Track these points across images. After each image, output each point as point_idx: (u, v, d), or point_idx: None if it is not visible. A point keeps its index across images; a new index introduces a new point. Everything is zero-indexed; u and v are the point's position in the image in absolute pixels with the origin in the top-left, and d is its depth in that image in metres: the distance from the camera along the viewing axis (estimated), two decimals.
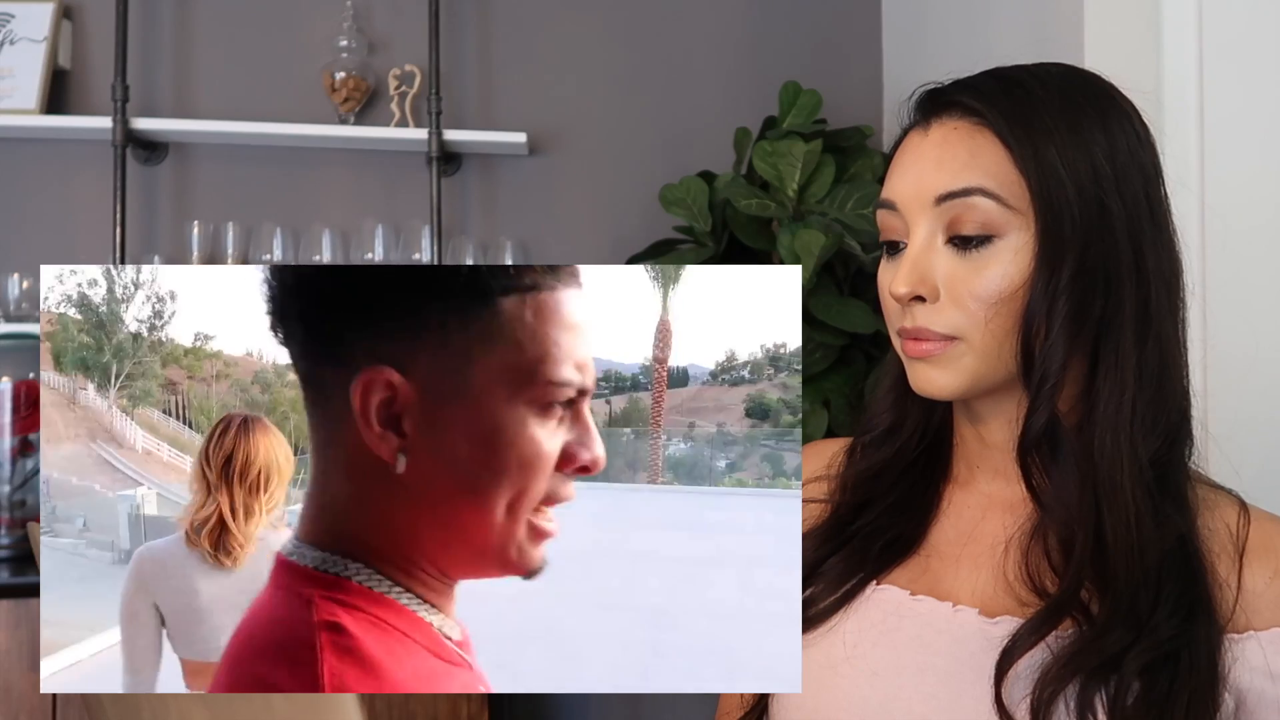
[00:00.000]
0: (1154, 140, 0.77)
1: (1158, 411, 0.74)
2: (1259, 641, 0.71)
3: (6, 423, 1.99)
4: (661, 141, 2.52)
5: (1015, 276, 0.73)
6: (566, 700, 2.47)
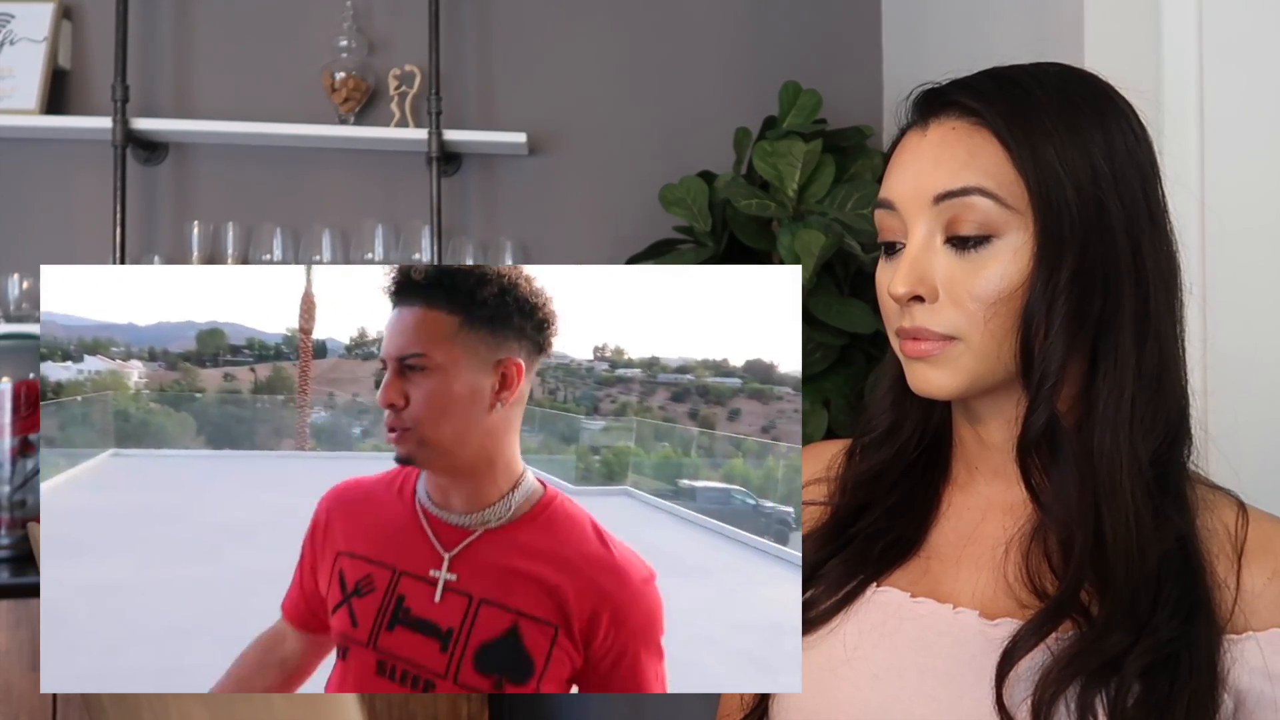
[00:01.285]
0: (1151, 140, 0.77)
1: (1157, 411, 0.74)
2: (1258, 642, 0.71)
3: (6, 423, 1.99)
4: (661, 141, 2.52)
5: (1014, 276, 0.72)
6: (567, 700, 2.48)
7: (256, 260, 2.30)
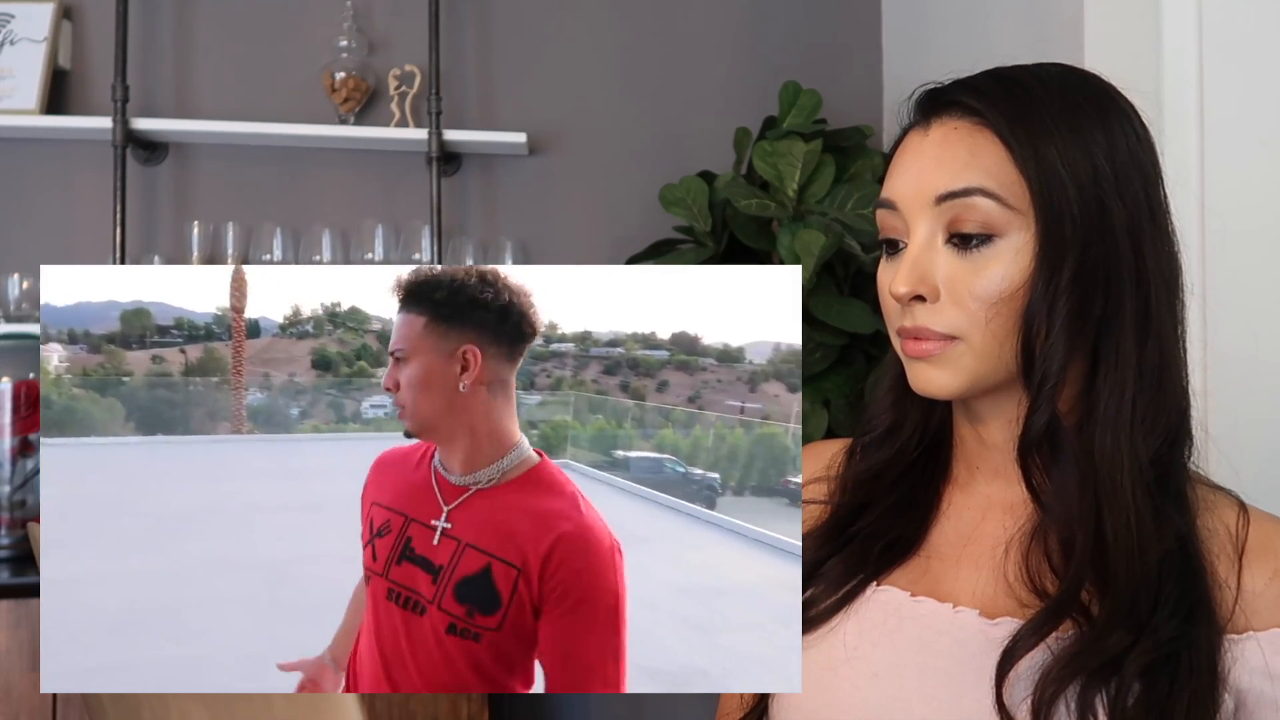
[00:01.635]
0: (1153, 140, 0.77)
1: (1158, 412, 0.74)
2: (1258, 642, 0.71)
3: (6, 423, 1.99)
4: (661, 141, 2.52)
5: (1015, 276, 0.72)
6: (567, 700, 2.48)
7: (257, 260, 2.30)
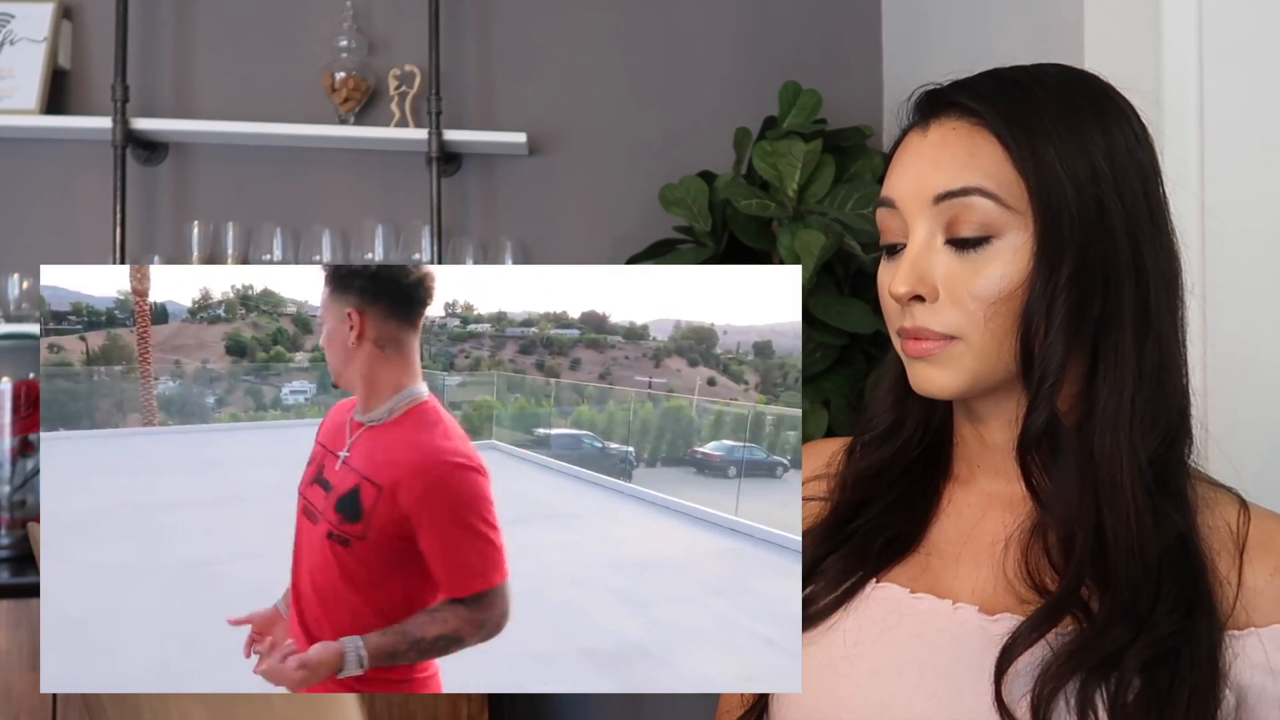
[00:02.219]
0: (1152, 140, 0.78)
1: (1157, 410, 0.74)
2: (1259, 638, 0.71)
3: (6, 423, 1.99)
4: (661, 141, 2.52)
5: (1014, 276, 0.73)
6: (567, 700, 2.48)
7: (257, 260, 2.30)
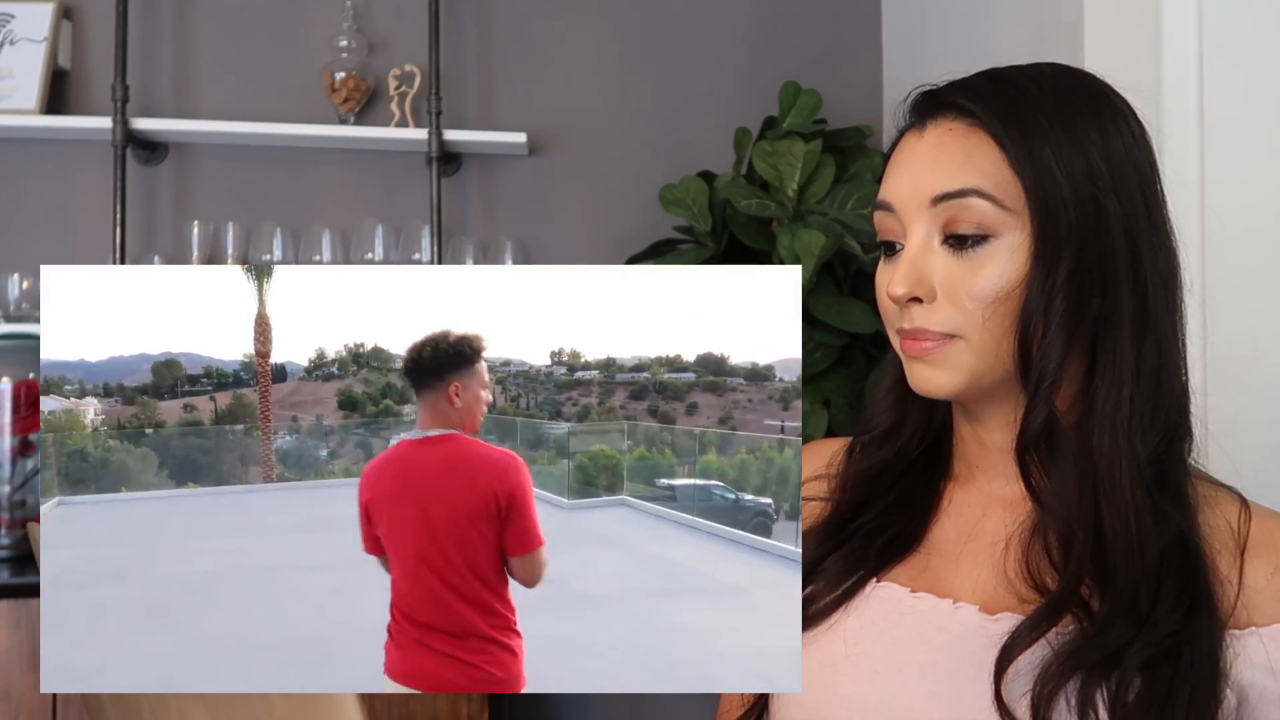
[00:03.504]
0: (1150, 139, 0.78)
1: (1156, 409, 0.74)
2: (1260, 637, 0.71)
3: (6, 423, 1.99)
4: (661, 141, 2.52)
5: (1011, 276, 0.73)
6: (566, 700, 2.48)
7: (257, 260, 2.30)
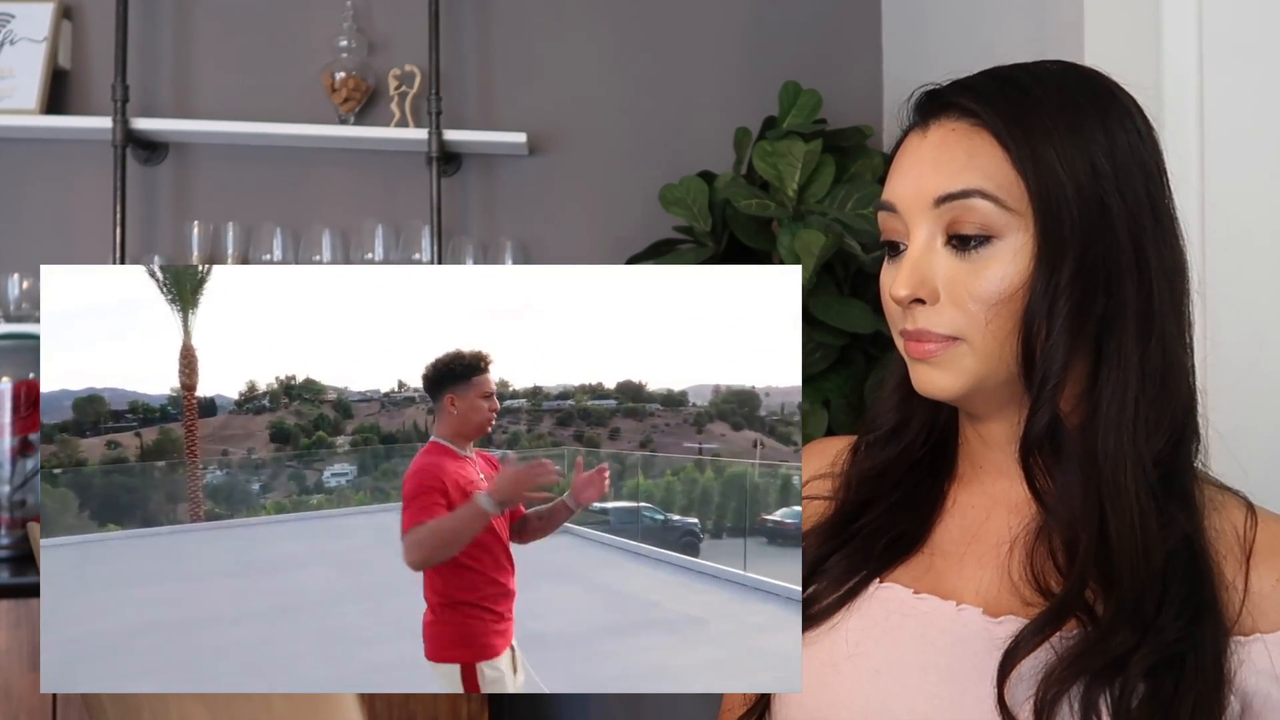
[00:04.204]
0: (1157, 137, 0.77)
1: (1161, 411, 0.74)
2: (1265, 644, 0.71)
3: (6, 423, 1.99)
4: (661, 141, 2.52)
5: (1015, 277, 0.72)
6: (567, 700, 2.47)
7: (257, 260, 2.30)
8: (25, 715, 1.75)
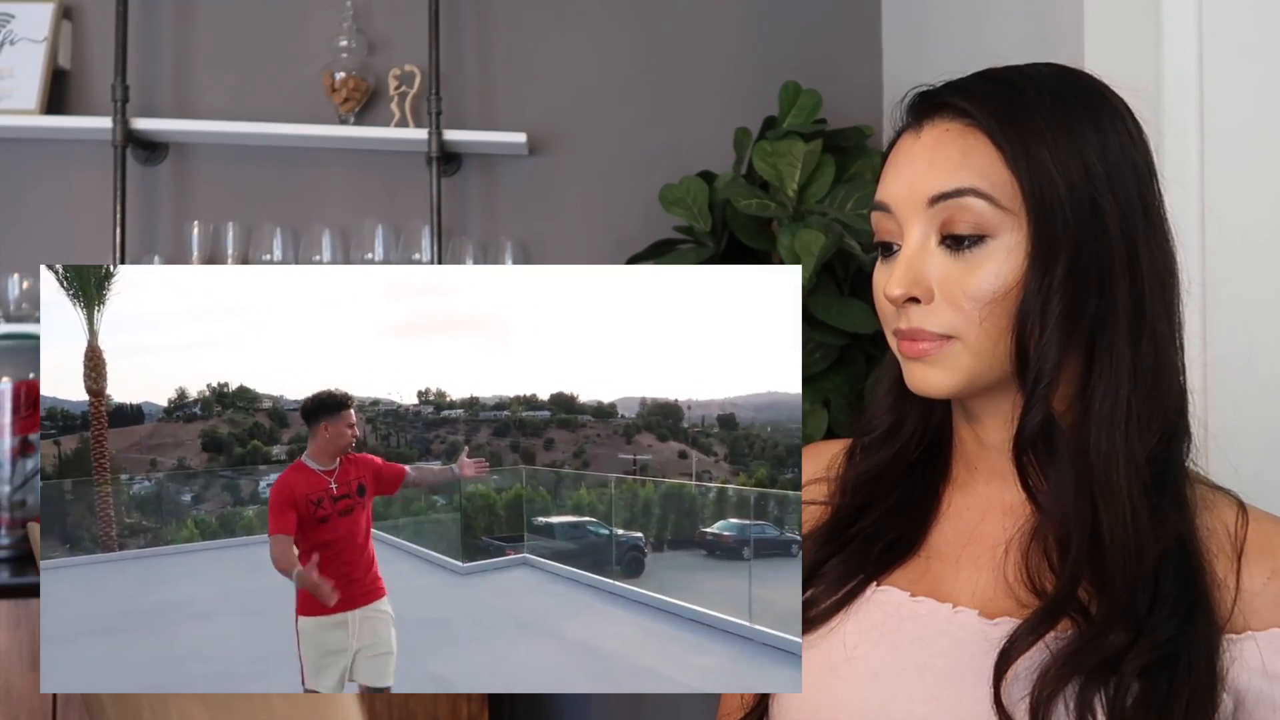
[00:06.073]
0: (1147, 138, 0.78)
1: (1153, 410, 0.74)
2: (1257, 642, 0.71)
3: (6, 423, 1.99)
4: (661, 141, 2.52)
5: (1008, 276, 0.73)
6: (567, 700, 2.48)
7: (256, 260, 2.30)
8: (25, 715, 1.75)
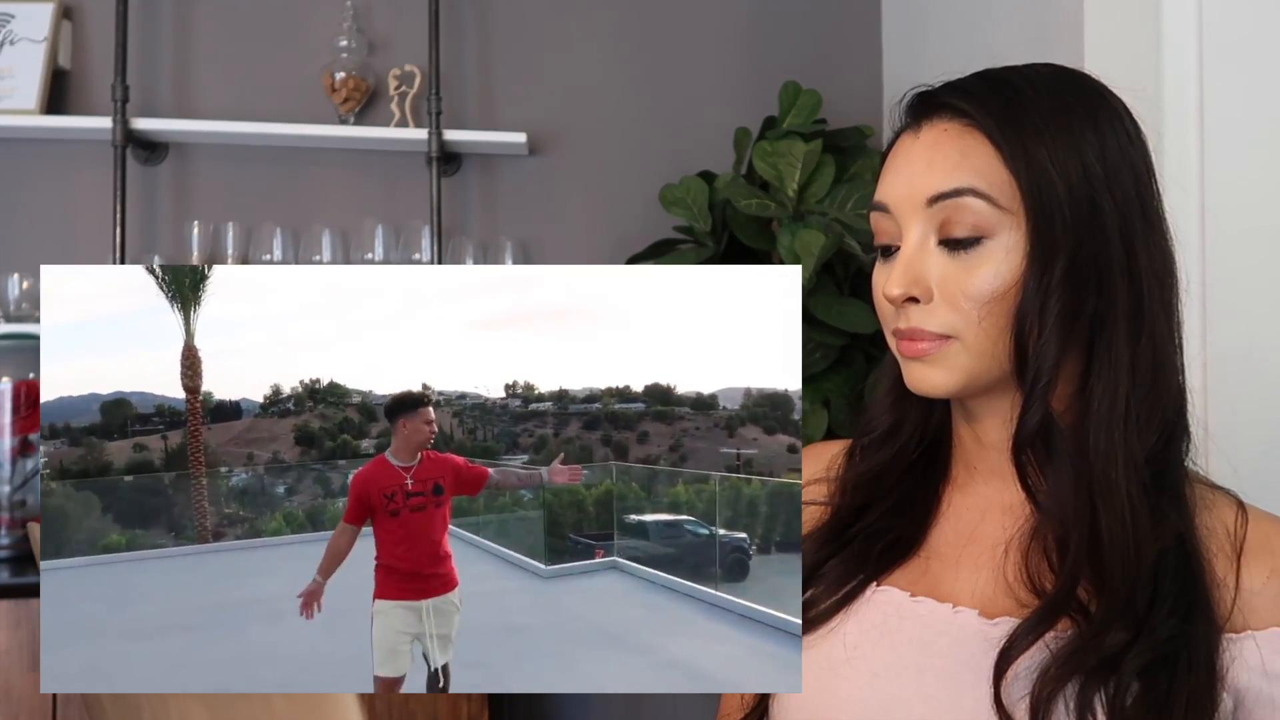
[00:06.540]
0: (1145, 139, 0.78)
1: (1152, 409, 0.74)
2: (1256, 641, 0.71)
3: (6, 423, 1.99)
4: (661, 141, 2.52)
5: (1007, 275, 0.73)
6: (567, 700, 2.48)
7: (256, 260, 2.30)
8: (25, 715, 1.75)
